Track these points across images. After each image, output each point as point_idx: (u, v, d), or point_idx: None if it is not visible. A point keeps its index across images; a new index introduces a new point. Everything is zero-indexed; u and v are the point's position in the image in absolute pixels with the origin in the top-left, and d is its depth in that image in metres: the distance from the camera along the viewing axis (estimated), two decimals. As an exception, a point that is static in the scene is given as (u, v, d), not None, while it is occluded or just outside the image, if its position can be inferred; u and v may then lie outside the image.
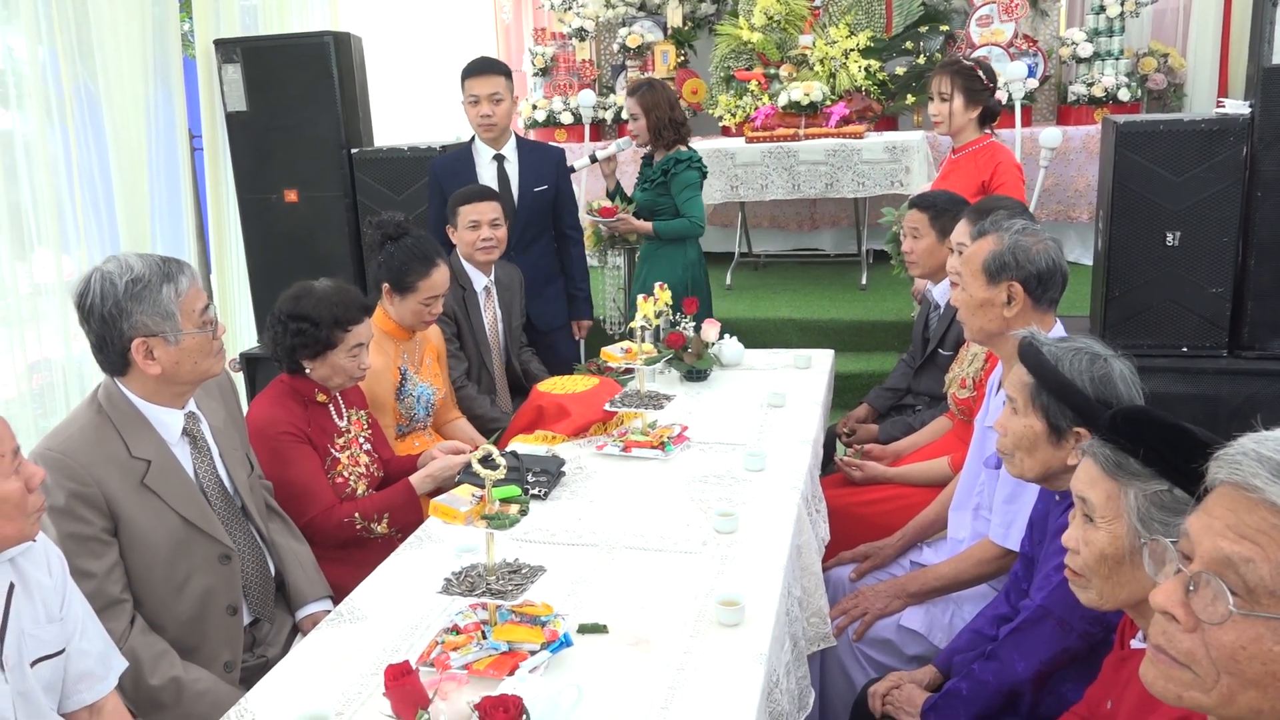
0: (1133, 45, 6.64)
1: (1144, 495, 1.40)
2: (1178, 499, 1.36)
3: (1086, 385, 1.73)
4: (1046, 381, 1.78)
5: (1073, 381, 1.74)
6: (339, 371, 2.57)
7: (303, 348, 2.52)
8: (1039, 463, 1.85)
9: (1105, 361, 1.76)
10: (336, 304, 2.53)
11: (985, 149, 3.80)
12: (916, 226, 3.20)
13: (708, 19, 7.37)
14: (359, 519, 2.51)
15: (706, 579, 1.99)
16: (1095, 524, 1.45)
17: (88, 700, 1.75)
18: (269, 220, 4.66)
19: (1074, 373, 1.75)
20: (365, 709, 1.62)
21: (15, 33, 3.93)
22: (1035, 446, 1.84)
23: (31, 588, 1.66)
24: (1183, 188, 3.53)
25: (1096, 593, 1.48)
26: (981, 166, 3.77)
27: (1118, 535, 1.42)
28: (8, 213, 3.86)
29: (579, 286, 4.14)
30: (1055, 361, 1.77)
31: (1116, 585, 1.44)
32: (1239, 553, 0.95)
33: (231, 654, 2.14)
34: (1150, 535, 1.36)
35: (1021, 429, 1.86)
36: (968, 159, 3.82)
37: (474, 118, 3.83)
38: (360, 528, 2.51)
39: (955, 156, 3.88)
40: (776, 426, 2.88)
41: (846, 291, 5.93)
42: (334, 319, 2.51)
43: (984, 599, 2.31)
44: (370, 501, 2.56)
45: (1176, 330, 3.66)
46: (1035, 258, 2.22)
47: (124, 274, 1.97)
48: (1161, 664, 1.02)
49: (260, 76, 4.50)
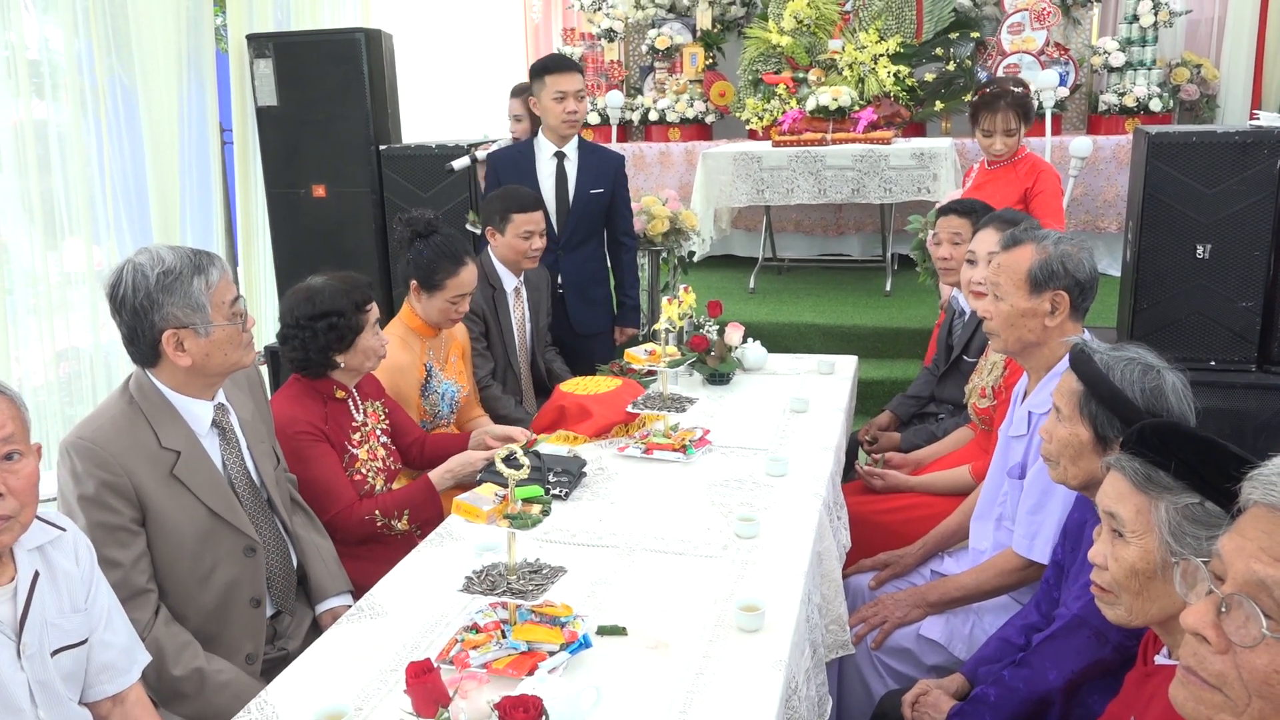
0: (1165, 55, 6.58)
1: (1175, 509, 1.37)
2: (1210, 512, 1.34)
3: (1137, 396, 1.71)
4: (1097, 390, 1.75)
5: (1123, 391, 1.72)
6: (369, 354, 2.59)
7: (337, 341, 2.53)
8: (1083, 471, 1.83)
9: (1158, 373, 1.73)
10: (349, 290, 2.56)
11: (1026, 159, 3.85)
12: (959, 232, 3.17)
13: (737, 22, 7.37)
14: (380, 516, 2.53)
15: (727, 584, 1.99)
16: (1125, 539, 1.43)
17: (110, 692, 1.77)
18: (297, 215, 4.70)
19: (1125, 383, 1.72)
20: (384, 705, 1.63)
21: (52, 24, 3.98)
22: (1080, 455, 1.82)
23: (58, 577, 1.68)
24: (1214, 200, 3.49)
25: (1125, 609, 1.46)
26: (1024, 175, 3.80)
27: (1149, 550, 1.40)
28: (40, 202, 3.91)
29: (629, 294, 4.14)
30: (1106, 370, 1.74)
31: (1147, 601, 1.42)
32: (1273, 576, 0.94)
33: (254, 646, 2.15)
34: (1182, 549, 1.35)
35: (1067, 436, 1.83)
36: (1007, 169, 3.84)
37: (559, 114, 3.82)
38: (381, 525, 2.53)
39: (991, 168, 3.89)
40: (799, 432, 2.87)
41: (871, 297, 5.91)
42: (354, 303, 2.54)
43: (1005, 610, 2.29)
44: (391, 498, 2.58)
45: (1205, 344, 3.62)
46: (1080, 265, 2.21)
47: (155, 266, 1.99)
48: (1192, 685, 1.01)
49: (291, 72, 4.54)
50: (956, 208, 3.24)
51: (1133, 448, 1.41)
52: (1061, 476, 1.88)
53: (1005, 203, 3.79)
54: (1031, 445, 2.22)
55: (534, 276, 3.67)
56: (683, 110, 7.18)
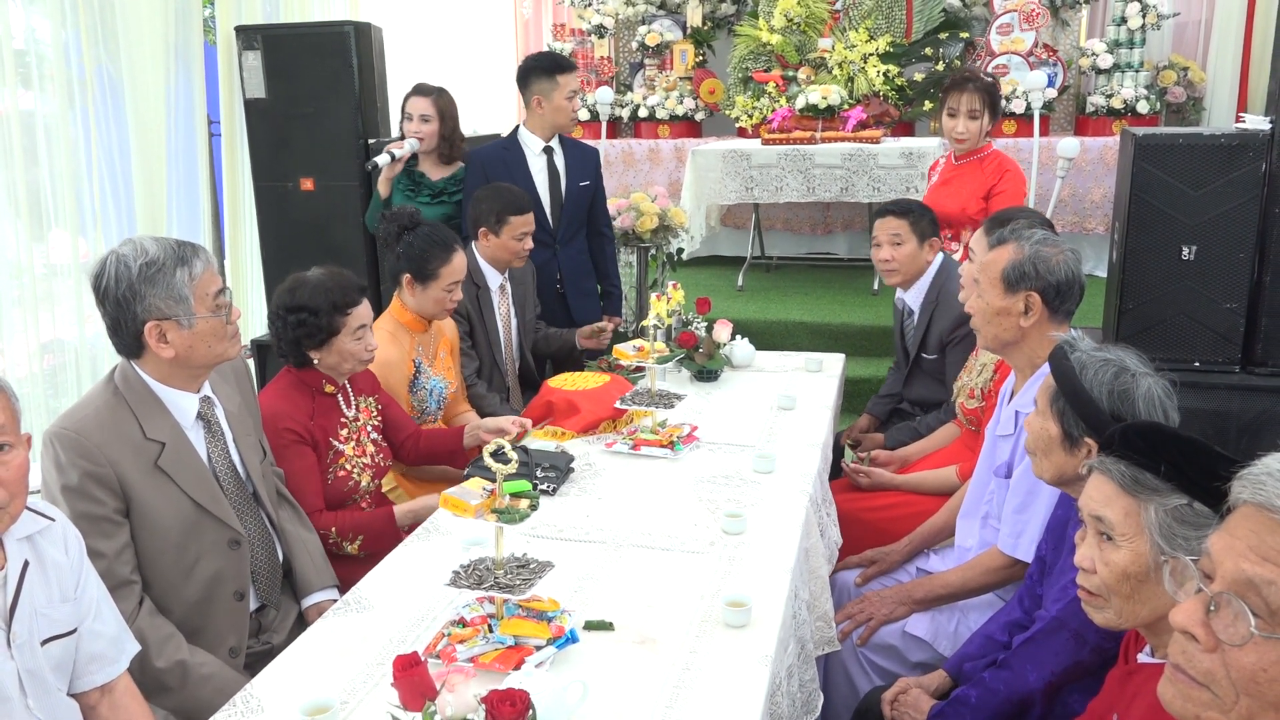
0: (1153, 58, 6.62)
1: (1164, 510, 1.37)
2: (1199, 513, 1.34)
3: (1103, 398, 1.71)
4: (1062, 386, 1.77)
5: (1088, 391, 1.72)
6: (347, 357, 2.56)
7: (306, 338, 2.51)
8: (1054, 466, 1.85)
9: (1132, 377, 1.71)
10: (332, 289, 2.52)
11: (991, 156, 3.83)
12: (898, 233, 3.19)
13: (727, 19, 7.37)
14: (334, 534, 2.51)
15: (713, 580, 1.99)
16: (1115, 543, 1.41)
17: (98, 681, 1.76)
18: (284, 208, 4.68)
19: (1094, 383, 1.72)
20: (371, 698, 1.63)
21: (39, 14, 3.95)
22: (1050, 450, 1.84)
23: (48, 567, 1.67)
24: (1200, 202, 3.51)
25: (1115, 612, 1.44)
26: (990, 173, 3.79)
27: (1140, 553, 1.39)
28: (26, 193, 3.88)
29: (614, 284, 4.22)
30: (1080, 369, 1.74)
31: (1138, 604, 1.41)
32: (1261, 575, 0.95)
33: (237, 639, 2.14)
34: (1173, 550, 1.34)
35: (1039, 430, 1.86)
36: (973, 166, 3.84)
37: (569, 111, 3.86)
38: (332, 542, 2.51)
39: (958, 163, 3.89)
40: (786, 429, 2.88)
41: (859, 296, 5.92)
42: (332, 304, 2.50)
43: (990, 607, 2.31)
44: (351, 521, 2.54)
45: (1189, 345, 3.64)
46: (1055, 269, 2.22)
47: (138, 257, 1.98)
48: (1180, 683, 1.02)
49: (280, 64, 4.52)
50: (893, 209, 3.24)
51: (1117, 450, 1.40)
52: (1038, 470, 1.90)
53: (970, 199, 3.81)
54: (1018, 444, 2.23)
55: (518, 272, 3.67)
56: (672, 107, 7.17)
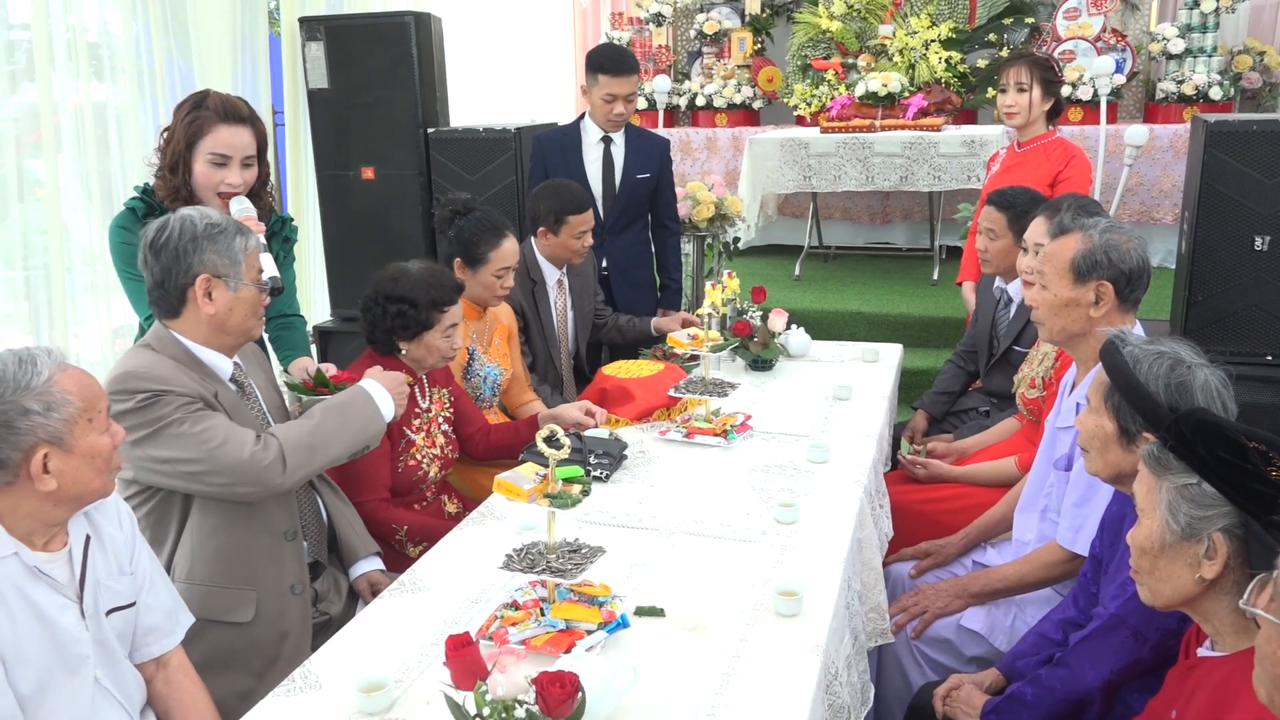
0: (1227, 42, 6.42)
1: (1174, 488, 1.41)
2: (1205, 493, 1.38)
3: (1160, 391, 1.66)
4: (1119, 382, 1.73)
5: (1145, 385, 1.67)
6: (433, 352, 2.61)
7: (401, 329, 2.56)
8: (1110, 464, 1.81)
9: (1188, 369, 1.68)
10: (433, 285, 2.58)
11: (1055, 143, 3.73)
12: (993, 227, 3.13)
13: (786, 6, 7.30)
14: (404, 534, 2.55)
15: (765, 568, 1.99)
16: (1139, 520, 1.47)
17: (154, 653, 1.82)
18: (346, 197, 4.74)
19: (1150, 376, 1.68)
20: (424, 677, 1.66)
21: (112, 7, 4.05)
22: (1106, 447, 1.80)
23: (105, 540, 1.74)
24: (1275, 190, 3.40)
25: (1148, 590, 1.49)
26: (1054, 160, 3.69)
27: (1154, 529, 1.44)
28: (99, 182, 3.99)
29: (673, 277, 4.18)
30: (1134, 363, 1.70)
31: (1158, 581, 1.46)
32: None
33: (297, 577, 2.17)
34: (1176, 525, 1.40)
35: (1093, 427, 1.82)
36: (1037, 153, 3.74)
37: (606, 113, 3.83)
38: (398, 539, 2.55)
39: (1021, 150, 3.81)
40: (841, 419, 2.85)
41: (918, 286, 5.85)
42: (431, 300, 2.56)
43: (1047, 603, 2.27)
44: (426, 526, 2.55)
45: (1261, 338, 3.54)
46: (1127, 256, 2.16)
47: (204, 219, 2.08)
48: None
49: (342, 54, 4.58)
50: (995, 200, 3.18)
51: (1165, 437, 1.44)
52: (1093, 468, 1.87)
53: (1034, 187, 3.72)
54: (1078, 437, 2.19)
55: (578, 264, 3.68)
56: (730, 95, 7.14)
